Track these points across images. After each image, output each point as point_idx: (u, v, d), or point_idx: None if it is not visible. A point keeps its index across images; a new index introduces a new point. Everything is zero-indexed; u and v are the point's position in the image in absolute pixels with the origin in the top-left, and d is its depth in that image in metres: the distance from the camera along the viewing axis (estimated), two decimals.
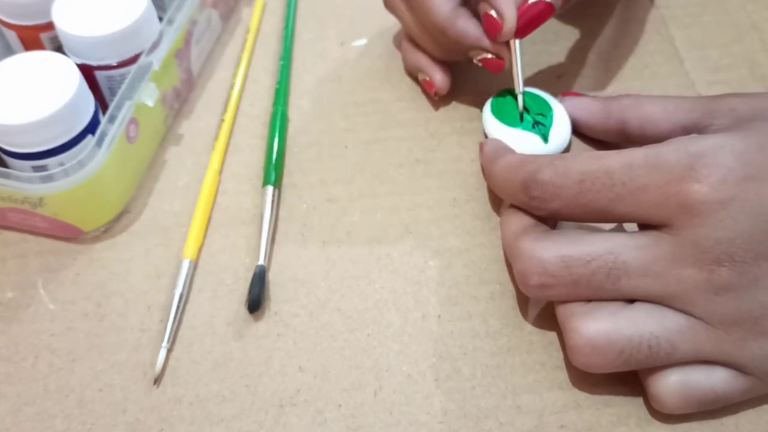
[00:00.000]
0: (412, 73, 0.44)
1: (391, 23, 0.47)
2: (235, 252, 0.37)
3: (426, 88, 0.42)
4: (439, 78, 0.41)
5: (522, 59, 0.38)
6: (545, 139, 0.37)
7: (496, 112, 0.39)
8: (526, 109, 0.38)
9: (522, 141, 0.37)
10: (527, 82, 0.40)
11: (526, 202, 0.33)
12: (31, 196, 0.34)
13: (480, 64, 0.39)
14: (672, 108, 0.35)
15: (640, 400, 0.32)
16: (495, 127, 0.39)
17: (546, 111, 0.38)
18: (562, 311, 0.31)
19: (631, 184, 0.29)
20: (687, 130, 0.34)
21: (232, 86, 0.44)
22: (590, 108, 0.39)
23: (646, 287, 0.29)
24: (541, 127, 0.38)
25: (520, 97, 0.38)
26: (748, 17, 0.46)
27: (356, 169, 0.40)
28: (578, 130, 0.40)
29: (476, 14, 0.38)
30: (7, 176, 0.34)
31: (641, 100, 0.37)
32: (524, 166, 0.33)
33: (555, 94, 0.40)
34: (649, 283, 0.29)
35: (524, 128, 0.38)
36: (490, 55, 0.38)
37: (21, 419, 0.32)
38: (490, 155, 0.36)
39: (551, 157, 0.32)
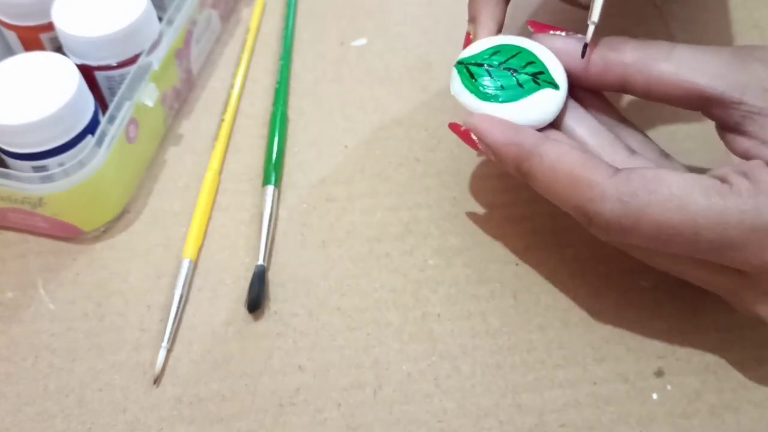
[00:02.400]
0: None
1: (391, 23, 0.47)
2: (234, 252, 0.37)
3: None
4: (483, 14, 0.34)
5: None
6: (556, 86, 0.31)
7: (484, 96, 0.31)
8: (513, 69, 0.32)
9: (531, 107, 0.31)
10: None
11: (583, 223, 0.29)
12: (30, 196, 0.34)
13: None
14: (688, 71, 0.29)
15: (640, 399, 0.32)
16: (497, 110, 0.31)
17: (531, 58, 0.32)
18: None
19: (719, 242, 0.26)
20: (706, 101, 0.29)
21: (231, 86, 0.44)
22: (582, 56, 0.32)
23: None
24: (541, 76, 0.31)
25: (591, 29, 0.31)
26: (749, 15, 0.46)
27: (356, 169, 0.40)
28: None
29: None
30: (7, 176, 0.34)
31: (648, 58, 0.30)
32: (582, 187, 0.28)
33: None
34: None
35: (529, 92, 0.31)
36: None
37: (21, 419, 0.32)
38: (520, 149, 0.30)
39: (618, 184, 0.27)
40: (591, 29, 0.31)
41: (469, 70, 0.32)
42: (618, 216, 0.27)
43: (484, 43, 0.33)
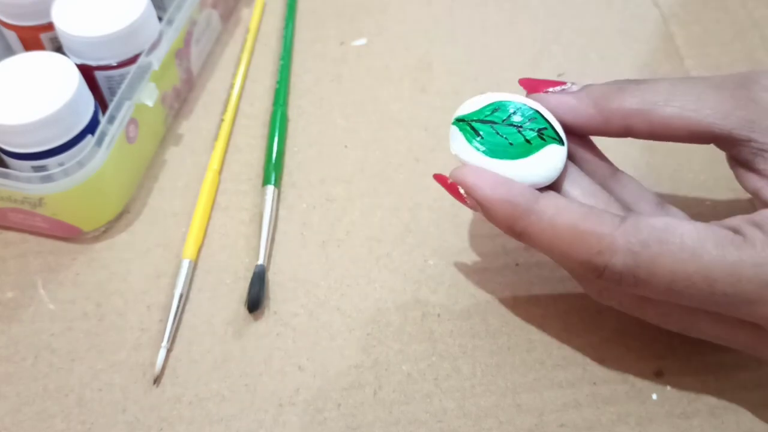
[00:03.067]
0: None
1: (391, 23, 0.47)
2: (234, 252, 0.37)
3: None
4: None
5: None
6: (560, 141, 0.30)
7: (494, 153, 0.30)
8: (517, 126, 0.30)
9: (540, 164, 0.29)
10: (505, 85, 0.34)
11: (588, 280, 0.28)
12: (30, 196, 0.34)
13: None
14: (693, 113, 0.28)
15: (640, 399, 0.32)
16: (509, 169, 0.29)
17: (532, 114, 0.31)
18: None
19: (734, 296, 0.25)
20: (714, 139, 0.28)
21: (231, 86, 0.44)
22: (581, 111, 0.30)
23: None
24: (545, 132, 0.30)
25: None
26: (748, 15, 0.46)
27: (356, 169, 0.40)
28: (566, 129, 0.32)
29: None
30: (6, 176, 0.34)
31: (649, 104, 0.29)
32: (589, 241, 0.26)
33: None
34: None
35: (537, 148, 0.30)
36: None
37: (21, 419, 0.32)
38: (515, 207, 0.28)
39: (627, 234, 0.26)
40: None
41: (472, 126, 0.31)
42: (631, 267, 0.26)
43: (479, 101, 0.31)
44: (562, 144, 0.30)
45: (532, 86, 0.32)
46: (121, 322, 0.35)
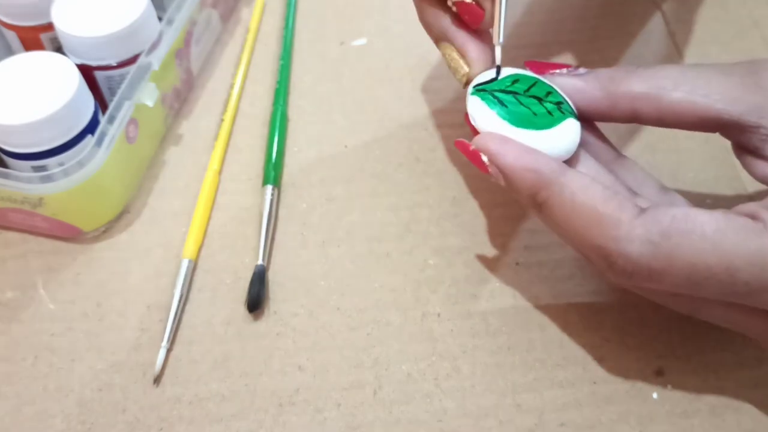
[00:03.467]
0: (437, 42, 0.34)
1: (391, 23, 0.47)
2: (234, 251, 0.37)
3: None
4: (473, 50, 0.31)
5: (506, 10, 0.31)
6: (576, 116, 0.30)
7: (515, 120, 0.29)
8: (537, 97, 0.30)
9: (562, 137, 0.29)
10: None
11: (601, 266, 0.27)
12: (30, 196, 0.34)
13: (454, 8, 0.31)
14: (701, 98, 0.27)
15: (640, 398, 0.32)
16: (528, 137, 0.29)
17: (544, 87, 0.31)
18: None
19: (757, 284, 0.25)
20: (722, 126, 0.28)
21: (231, 86, 0.44)
22: (588, 94, 0.30)
23: None
24: (563, 106, 0.30)
25: (498, 50, 0.31)
26: (748, 14, 0.46)
27: (356, 169, 0.40)
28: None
29: None
30: (6, 176, 0.34)
31: (657, 88, 0.28)
32: (607, 225, 0.26)
33: None
34: None
35: (558, 120, 0.29)
36: None
37: (21, 419, 0.32)
38: (539, 176, 0.27)
39: (647, 224, 0.25)
40: (498, 51, 0.31)
41: (495, 96, 0.30)
42: (647, 258, 0.25)
43: (494, 73, 0.31)
44: (577, 119, 0.30)
45: (538, 68, 0.32)
46: (122, 322, 0.35)
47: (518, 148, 0.28)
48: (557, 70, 0.31)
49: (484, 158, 0.29)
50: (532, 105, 0.30)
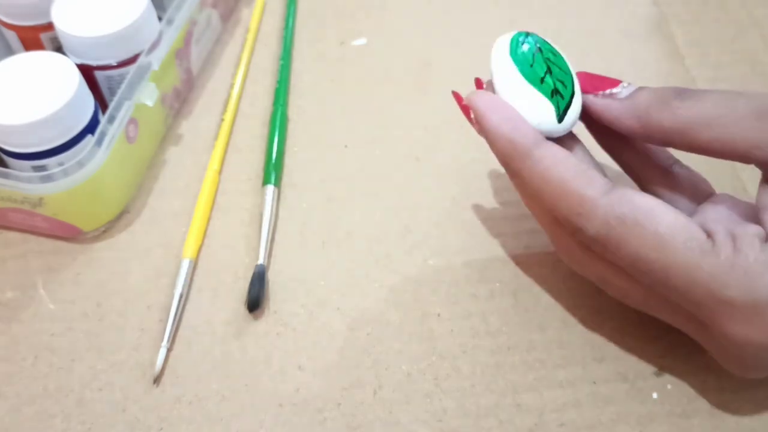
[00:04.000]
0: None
1: (391, 23, 0.47)
2: (234, 251, 0.37)
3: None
4: None
5: None
6: (559, 115, 0.30)
7: (516, 57, 0.30)
8: (549, 69, 0.30)
9: (533, 106, 0.30)
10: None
11: (562, 243, 0.30)
12: (30, 196, 0.34)
13: None
14: (731, 140, 0.27)
15: (640, 398, 0.32)
16: (509, 75, 0.30)
17: (567, 80, 0.30)
18: None
19: (686, 293, 0.26)
20: (755, 162, 0.28)
21: (231, 86, 0.44)
22: (623, 122, 0.30)
23: None
24: (558, 98, 0.30)
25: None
26: (748, 14, 0.46)
27: (356, 169, 0.40)
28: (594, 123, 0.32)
29: None
30: (6, 176, 0.34)
31: (689, 128, 0.28)
32: (573, 200, 0.27)
33: None
34: None
35: (542, 91, 0.30)
36: None
37: (21, 419, 0.32)
38: (515, 146, 0.29)
39: (608, 206, 0.27)
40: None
41: (534, 37, 0.31)
42: (602, 236, 0.27)
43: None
44: (559, 120, 0.30)
45: (590, 83, 0.31)
46: (122, 322, 0.35)
47: (503, 113, 0.29)
48: (605, 92, 0.31)
49: (472, 114, 0.30)
50: (538, 63, 0.30)
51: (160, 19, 0.40)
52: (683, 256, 0.26)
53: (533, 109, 0.29)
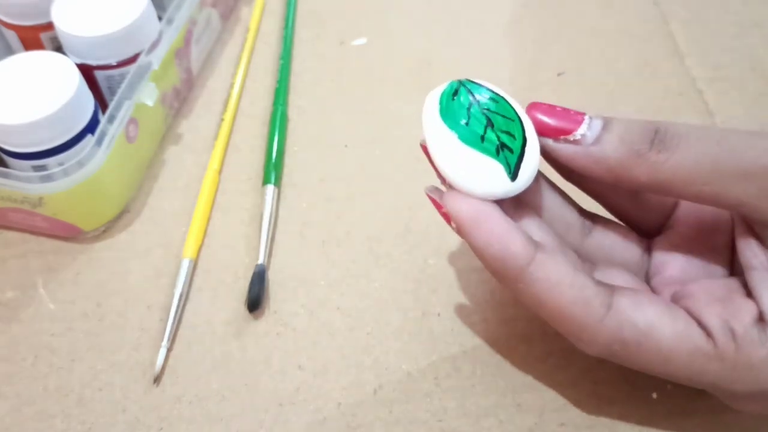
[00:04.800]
0: None
1: (391, 23, 0.47)
2: (234, 251, 0.37)
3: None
4: None
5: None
6: (512, 173, 0.26)
7: (447, 117, 0.27)
8: (489, 121, 0.26)
9: (476, 171, 0.26)
10: (506, 84, 0.29)
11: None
12: (30, 196, 0.34)
13: None
14: (728, 195, 0.25)
15: (641, 398, 0.32)
16: (444, 140, 0.27)
17: (514, 128, 0.26)
18: None
19: (693, 384, 0.27)
20: (744, 217, 0.27)
21: (231, 86, 0.44)
22: (591, 169, 0.27)
23: None
24: (507, 153, 0.26)
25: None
26: (749, 13, 0.46)
27: (356, 169, 0.40)
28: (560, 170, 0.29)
29: None
30: (6, 176, 0.34)
31: (665, 186, 0.26)
32: (572, 327, 0.27)
33: (557, 93, 0.40)
34: None
35: (485, 150, 0.26)
36: None
37: (21, 419, 0.32)
38: (505, 270, 0.26)
39: (608, 331, 0.26)
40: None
41: (466, 85, 0.27)
42: (606, 356, 0.28)
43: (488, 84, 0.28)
44: (512, 178, 0.26)
45: (545, 126, 0.27)
46: (122, 322, 0.35)
47: (489, 229, 0.26)
48: (570, 136, 0.27)
49: (453, 225, 0.27)
50: (476, 119, 0.26)
51: (160, 18, 0.40)
52: (688, 367, 0.26)
53: (478, 175, 0.26)
